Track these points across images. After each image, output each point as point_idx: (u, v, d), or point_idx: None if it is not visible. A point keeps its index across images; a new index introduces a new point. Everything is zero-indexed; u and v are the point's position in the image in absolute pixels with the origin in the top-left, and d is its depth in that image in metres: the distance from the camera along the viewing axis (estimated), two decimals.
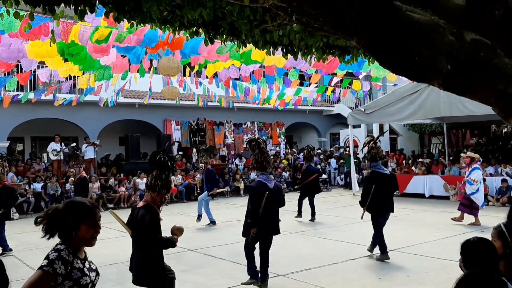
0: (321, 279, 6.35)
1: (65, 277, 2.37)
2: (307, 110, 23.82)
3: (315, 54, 4.07)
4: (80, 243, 2.53)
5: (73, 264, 2.42)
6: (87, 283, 2.47)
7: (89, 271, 2.53)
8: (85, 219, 2.52)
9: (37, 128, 18.00)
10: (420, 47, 1.59)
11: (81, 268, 2.46)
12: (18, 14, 3.06)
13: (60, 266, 2.36)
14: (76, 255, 2.49)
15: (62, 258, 2.39)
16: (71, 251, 2.47)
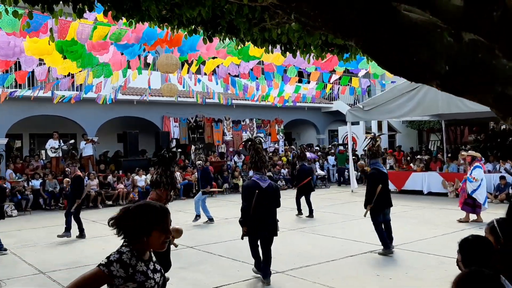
0: (319, 276, 6.38)
1: (127, 280, 2.33)
2: (305, 107, 23.82)
3: (313, 52, 4.07)
4: (147, 247, 2.46)
5: (135, 268, 2.37)
6: (152, 285, 2.42)
7: (153, 273, 2.46)
8: (157, 225, 2.43)
9: (35, 125, 17.98)
10: (418, 48, 1.59)
11: (144, 271, 2.41)
12: (17, 12, 3.06)
13: (118, 269, 2.32)
14: (141, 258, 2.43)
15: (123, 261, 2.35)
16: (135, 254, 2.41)
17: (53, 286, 6.41)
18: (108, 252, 7.30)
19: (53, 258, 8.02)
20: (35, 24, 5.14)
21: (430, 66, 1.59)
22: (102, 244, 9.17)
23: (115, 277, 2.31)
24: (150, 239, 2.42)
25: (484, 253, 2.57)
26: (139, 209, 2.47)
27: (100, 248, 8.75)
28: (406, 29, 1.60)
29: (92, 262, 7.60)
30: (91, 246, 9.08)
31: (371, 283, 6.07)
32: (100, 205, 15.37)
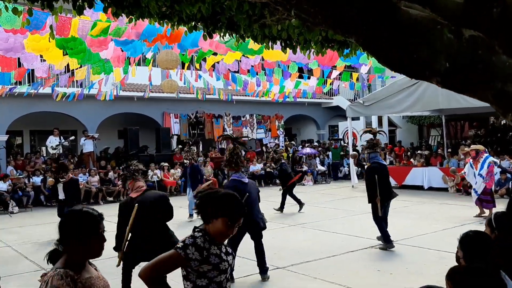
0: (320, 272, 6.39)
1: (202, 262, 2.44)
2: (306, 103, 23.80)
3: (314, 48, 4.07)
4: (216, 233, 2.55)
5: (209, 251, 2.48)
6: (226, 268, 2.54)
7: (226, 255, 2.58)
8: (226, 216, 2.51)
9: (35, 121, 17.98)
10: (418, 46, 1.59)
11: (218, 254, 2.51)
12: (16, 9, 3.05)
13: (193, 252, 2.43)
14: (213, 242, 2.53)
15: (197, 245, 2.45)
16: (208, 238, 2.52)
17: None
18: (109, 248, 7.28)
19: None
20: (36, 21, 5.14)
21: (430, 63, 1.59)
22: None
23: (191, 260, 2.42)
24: (216, 224, 2.52)
25: (484, 248, 2.59)
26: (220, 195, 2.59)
27: None
28: (406, 26, 1.60)
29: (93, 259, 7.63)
30: None
31: (372, 278, 6.09)
32: (101, 201, 15.40)
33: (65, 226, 2.19)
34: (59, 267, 2.07)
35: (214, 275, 2.49)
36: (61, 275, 2.01)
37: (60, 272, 2.02)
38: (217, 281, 2.50)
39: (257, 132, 22.81)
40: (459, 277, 2.10)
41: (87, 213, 2.22)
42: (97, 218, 2.23)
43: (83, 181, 15.39)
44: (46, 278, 2.02)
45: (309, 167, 20.24)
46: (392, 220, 8.10)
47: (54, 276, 2.00)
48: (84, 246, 2.15)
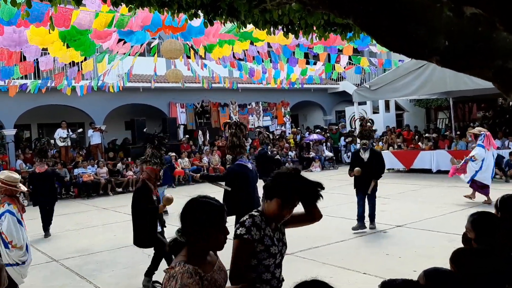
0: (328, 257, 6.41)
1: (258, 241, 2.46)
2: (312, 89, 23.69)
3: (316, 32, 4.02)
4: (270, 214, 2.55)
5: (265, 231, 2.50)
6: (276, 252, 2.54)
7: (278, 241, 2.57)
8: (280, 197, 2.50)
9: (43, 115, 18.08)
10: (417, 24, 1.56)
11: (271, 236, 2.53)
12: (15, 2, 3.04)
13: (255, 232, 2.45)
14: (269, 224, 2.55)
15: (256, 224, 2.47)
16: (264, 218, 2.53)
17: (65, 273, 6.52)
18: (119, 238, 7.39)
19: (65, 246, 8.14)
20: (36, 13, 5.12)
21: (429, 42, 1.56)
22: (113, 230, 9.28)
23: (255, 241, 2.45)
24: (271, 204, 2.53)
25: (495, 229, 2.57)
26: (276, 175, 2.60)
27: (112, 234, 8.86)
28: (404, 4, 1.57)
29: (103, 249, 7.72)
30: (102, 233, 9.19)
31: (381, 262, 6.09)
32: (110, 192, 15.52)
33: (188, 216, 2.15)
34: (184, 261, 2.04)
35: (264, 257, 2.49)
36: (191, 273, 1.97)
37: (189, 269, 1.98)
38: (265, 264, 2.51)
39: (263, 119, 22.77)
40: (462, 259, 2.09)
41: (211, 204, 2.18)
42: (221, 210, 2.19)
43: (92, 173, 15.52)
44: (174, 274, 1.98)
45: (317, 153, 20.22)
46: (401, 204, 8.11)
47: (184, 273, 1.96)
48: (206, 238, 2.11)
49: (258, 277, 2.52)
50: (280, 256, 2.62)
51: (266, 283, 2.54)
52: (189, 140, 19.55)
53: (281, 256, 2.64)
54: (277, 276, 2.62)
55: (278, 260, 2.61)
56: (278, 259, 2.61)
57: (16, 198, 5.00)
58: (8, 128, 16.72)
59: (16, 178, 5.02)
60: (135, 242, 5.77)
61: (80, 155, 16.92)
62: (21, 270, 4.82)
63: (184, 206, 2.20)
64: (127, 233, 8.77)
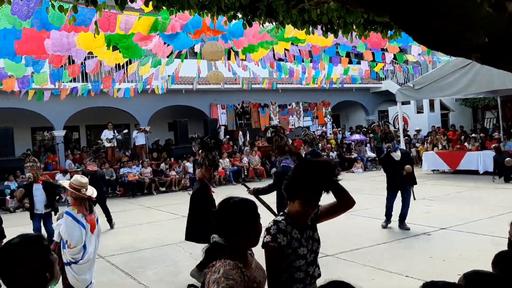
0: (369, 259, 6.32)
1: (286, 246, 2.49)
2: (353, 88, 23.39)
3: (356, 31, 3.98)
4: (294, 214, 2.56)
5: (291, 234, 2.51)
6: (305, 253, 2.54)
7: (307, 240, 2.57)
8: (300, 198, 2.52)
9: (91, 116, 18.76)
10: (455, 21, 1.53)
11: (298, 238, 2.53)
12: (62, 7, 3.19)
13: (282, 238, 2.46)
14: (295, 225, 2.54)
15: (281, 229, 2.48)
16: (289, 221, 2.54)
17: (112, 269, 6.74)
18: (161, 236, 7.56)
19: (111, 243, 8.40)
20: (82, 18, 5.33)
21: (468, 39, 1.52)
22: (156, 228, 9.51)
23: (283, 247, 2.46)
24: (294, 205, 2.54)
25: None
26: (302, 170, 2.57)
27: (155, 233, 9.08)
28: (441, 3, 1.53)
29: (147, 246, 7.92)
30: (146, 231, 9.42)
31: (423, 265, 5.94)
32: (154, 191, 15.89)
33: (223, 217, 2.19)
34: (224, 258, 2.10)
35: (292, 259, 2.50)
36: (233, 266, 2.04)
37: (230, 262, 2.05)
38: (296, 265, 2.51)
39: (303, 120, 22.66)
40: (505, 262, 2.02)
41: (244, 203, 2.22)
42: (254, 207, 2.22)
43: (137, 173, 15.96)
44: (216, 268, 2.05)
45: (359, 154, 19.94)
46: (446, 206, 7.89)
47: (226, 265, 2.04)
48: (243, 235, 2.14)
49: (290, 276, 2.54)
50: (312, 254, 2.61)
51: (300, 282, 2.55)
52: (229, 140, 19.75)
53: (313, 254, 2.62)
54: (311, 274, 2.61)
55: (310, 259, 2.59)
56: (310, 257, 2.59)
57: (81, 201, 5.13)
58: (58, 130, 17.46)
59: (82, 182, 5.12)
60: (189, 237, 5.96)
61: (126, 155, 17.45)
62: (75, 268, 5.01)
63: (218, 208, 2.24)
64: (170, 231, 8.99)
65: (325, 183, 2.54)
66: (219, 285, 1.97)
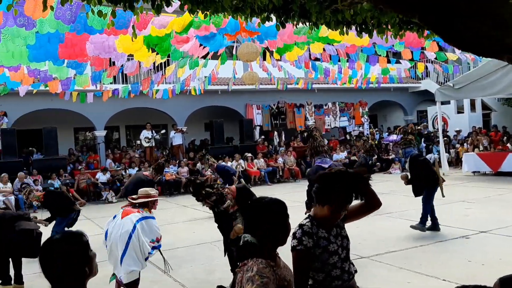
0: (406, 262, 6.21)
1: (314, 246, 2.56)
2: (391, 88, 22.98)
3: (391, 31, 3.94)
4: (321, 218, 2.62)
5: (318, 234, 2.57)
6: (335, 249, 2.60)
7: (335, 237, 2.62)
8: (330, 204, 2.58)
9: (130, 117, 19.25)
10: (486, 21, 1.50)
11: (326, 236, 2.58)
12: (101, 12, 3.31)
13: (308, 240, 2.53)
14: (322, 225, 2.60)
15: (306, 232, 2.55)
16: (315, 222, 2.60)
17: (148, 266, 6.87)
18: (198, 235, 7.68)
19: None
20: (122, 20, 5.51)
21: (499, 39, 1.49)
22: (193, 227, 9.67)
23: (310, 248, 2.53)
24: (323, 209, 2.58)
25: None
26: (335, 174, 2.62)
27: (191, 231, 9.23)
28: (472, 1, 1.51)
29: (183, 244, 8.07)
30: (183, 229, 9.58)
31: (462, 269, 5.80)
32: (191, 190, 16.11)
33: (255, 217, 2.23)
34: (256, 257, 2.13)
35: (326, 258, 2.56)
36: (265, 264, 2.08)
37: (263, 261, 2.09)
38: (330, 262, 2.57)
39: (340, 120, 22.45)
40: None
41: (275, 203, 2.26)
42: (285, 208, 2.26)
43: (174, 172, 16.25)
44: (248, 267, 2.10)
45: (396, 154, 19.56)
46: (486, 209, 7.67)
47: (258, 264, 2.08)
48: (274, 235, 2.19)
49: (327, 275, 2.58)
50: (343, 250, 2.65)
51: (338, 279, 2.59)
52: (264, 141, 19.80)
53: (345, 250, 2.66)
54: (347, 270, 2.65)
55: (343, 255, 2.63)
56: (342, 253, 2.63)
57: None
58: (99, 130, 18.01)
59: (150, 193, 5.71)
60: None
61: (163, 155, 17.81)
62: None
63: (250, 208, 2.28)
64: (205, 230, 9.11)
65: (357, 191, 2.59)
66: (253, 283, 2.01)
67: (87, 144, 20.21)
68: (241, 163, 17.01)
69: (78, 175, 15.40)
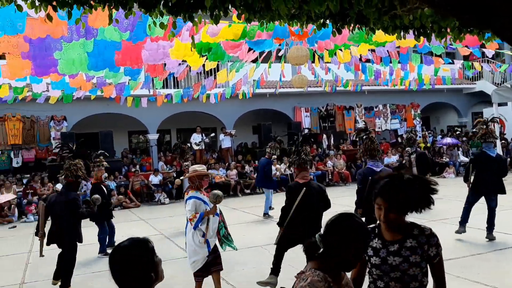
0: (463, 270, 6.01)
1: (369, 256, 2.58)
2: (444, 89, 22.25)
3: (450, 34, 3.84)
4: (386, 225, 2.56)
5: (372, 244, 2.57)
6: (377, 263, 2.52)
7: (390, 254, 2.51)
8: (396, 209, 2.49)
9: (181, 120, 19.70)
10: None
11: (377, 248, 2.54)
12: (163, 24, 3.43)
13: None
14: (381, 235, 2.56)
15: None
16: (377, 231, 2.59)
17: None
18: (247, 238, 7.75)
19: None
20: (178, 28, 5.68)
21: None
22: (242, 230, 9.76)
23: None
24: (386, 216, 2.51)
25: None
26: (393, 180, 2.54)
27: (241, 234, 9.32)
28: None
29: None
30: (233, 232, 9.55)
31: None
32: (239, 193, 16.29)
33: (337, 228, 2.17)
34: (315, 268, 2.11)
35: (369, 267, 2.58)
36: (321, 278, 2.05)
37: (320, 274, 2.06)
38: (373, 273, 2.56)
39: (391, 122, 21.97)
40: None
41: (362, 226, 2.19)
42: (368, 235, 2.22)
43: (223, 175, 16.47)
44: (304, 276, 2.10)
45: (450, 158, 18.93)
46: None
47: (314, 275, 2.05)
48: (344, 255, 2.13)
49: (373, 282, 2.58)
50: (394, 271, 2.49)
51: None
52: (313, 144, 19.68)
53: (398, 272, 2.49)
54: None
55: (395, 275, 2.49)
56: (394, 274, 2.49)
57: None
58: (152, 133, 18.57)
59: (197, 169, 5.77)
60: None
61: (213, 158, 18.09)
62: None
63: (335, 217, 2.22)
64: (254, 233, 9.19)
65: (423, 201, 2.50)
66: None
67: (140, 147, 20.88)
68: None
69: (132, 177, 15.93)
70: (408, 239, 2.52)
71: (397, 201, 2.44)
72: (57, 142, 16.53)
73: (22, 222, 13.14)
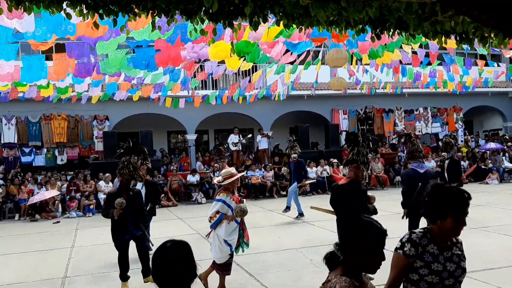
0: (505, 280, 5.82)
1: (416, 257, 2.51)
2: (489, 93, 21.52)
3: (494, 40, 3.75)
4: (442, 232, 2.55)
5: (425, 248, 2.51)
6: (439, 270, 2.49)
7: (447, 260, 2.52)
8: (453, 212, 2.48)
9: (218, 121, 19.92)
10: None
11: (435, 254, 2.51)
12: (203, 31, 3.51)
13: (409, 248, 2.50)
14: (435, 241, 2.54)
15: (412, 240, 2.52)
16: (429, 236, 2.54)
17: (236, 269, 7.09)
18: (283, 241, 7.76)
19: None
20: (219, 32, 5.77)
21: None
22: (278, 232, 9.79)
23: (409, 257, 2.52)
24: (443, 224, 2.51)
25: None
26: (437, 189, 2.55)
27: (276, 236, 9.36)
28: None
29: (269, 249, 8.21)
30: (268, 234, 9.72)
31: None
32: (275, 195, 16.32)
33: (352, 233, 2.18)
34: (340, 274, 2.13)
35: (425, 273, 2.49)
36: (349, 283, 2.08)
37: (347, 279, 2.09)
38: (428, 281, 2.49)
39: (432, 126, 21.44)
40: None
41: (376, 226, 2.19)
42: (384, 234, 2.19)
43: (260, 176, 16.54)
44: (331, 284, 2.10)
45: (494, 163, 18.29)
46: None
47: (341, 282, 2.08)
48: (365, 257, 2.15)
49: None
50: (449, 277, 2.51)
51: None
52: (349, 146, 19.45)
53: (452, 278, 2.51)
54: None
55: (449, 282, 2.50)
56: (448, 280, 2.50)
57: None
58: (190, 133, 18.88)
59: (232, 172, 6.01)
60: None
61: (249, 159, 18.21)
62: None
63: (347, 222, 2.26)
64: (290, 235, 9.19)
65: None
66: None
67: (179, 147, 21.25)
68: (326, 169, 16.90)
69: (170, 176, 16.25)
70: (454, 246, 2.59)
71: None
72: (99, 141, 17.11)
73: (65, 217, 13.65)
